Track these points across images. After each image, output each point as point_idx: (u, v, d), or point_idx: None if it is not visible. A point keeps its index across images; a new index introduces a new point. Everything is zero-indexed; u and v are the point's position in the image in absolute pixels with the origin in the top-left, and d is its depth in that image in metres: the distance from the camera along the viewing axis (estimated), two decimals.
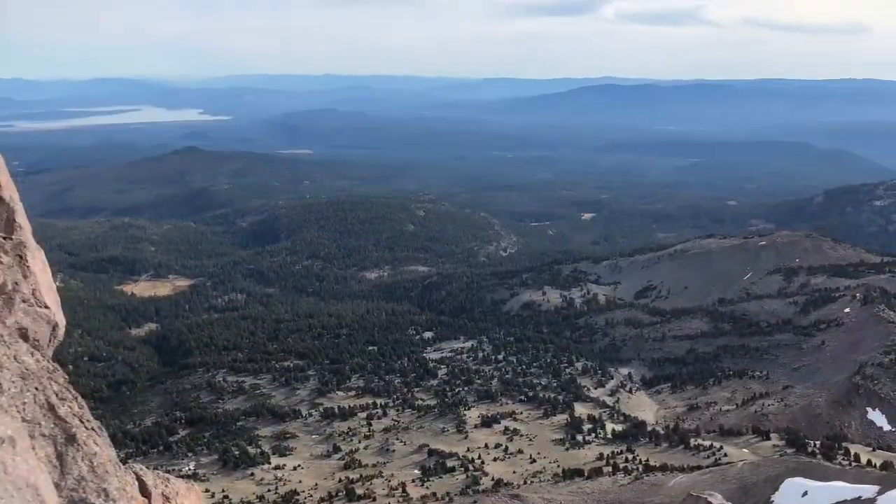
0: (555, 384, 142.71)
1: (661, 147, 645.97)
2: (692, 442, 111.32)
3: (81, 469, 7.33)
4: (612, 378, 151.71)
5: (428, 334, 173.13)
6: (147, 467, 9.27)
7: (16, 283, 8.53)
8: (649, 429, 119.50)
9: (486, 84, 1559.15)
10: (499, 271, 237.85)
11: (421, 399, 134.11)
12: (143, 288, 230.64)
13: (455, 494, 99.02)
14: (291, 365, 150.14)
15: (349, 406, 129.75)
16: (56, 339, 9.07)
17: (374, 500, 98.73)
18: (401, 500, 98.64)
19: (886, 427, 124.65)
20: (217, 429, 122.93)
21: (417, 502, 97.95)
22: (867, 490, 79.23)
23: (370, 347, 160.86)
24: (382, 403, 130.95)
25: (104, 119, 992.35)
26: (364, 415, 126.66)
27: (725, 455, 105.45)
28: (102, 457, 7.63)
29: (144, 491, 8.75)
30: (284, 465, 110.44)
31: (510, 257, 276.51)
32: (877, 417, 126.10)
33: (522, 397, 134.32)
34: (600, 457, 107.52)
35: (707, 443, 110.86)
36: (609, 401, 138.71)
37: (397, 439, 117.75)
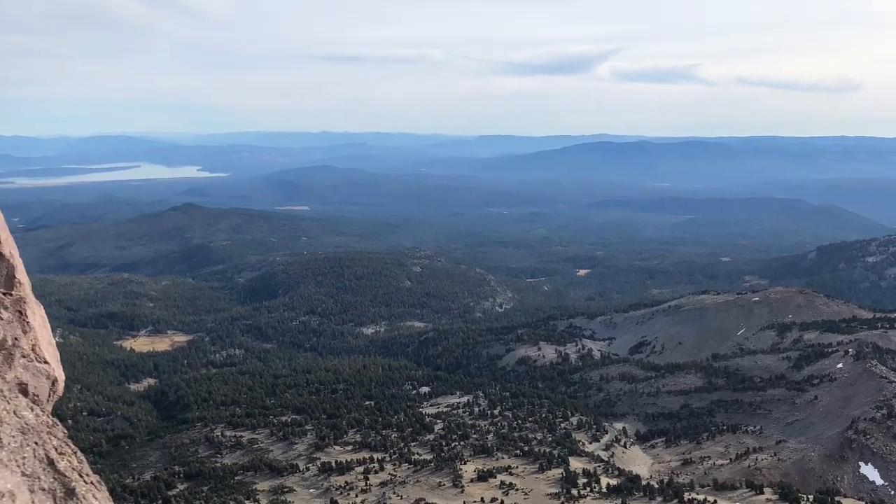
0: (550, 439, 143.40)
1: (656, 204, 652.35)
2: (686, 496, 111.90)
3: None
4: (607, 433, 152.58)
5: (424, 389, 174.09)
6: None
7: (16, 339, 8.78)
8: (644, 483, 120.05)
9: (481, 141, 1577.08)
10: (495, 327, 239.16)
11: (417, 453, 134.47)
12: (141, 343, 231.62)
13: None
14: (289, 419, 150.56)
15: (346, 460, 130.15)
16: (55, 393, 9.35)
17: None
18: None
19: (879, 482, 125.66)
20: (215, 483, 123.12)
21: None
22: None
23: (367, 402, 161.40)
24: (379, 458, 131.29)
25: (103, 176, 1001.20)
26: (361, 469, 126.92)
27: None
28: None
29: None
30: None
31: (506, 313, 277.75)
32: (869, 472, 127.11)
33: (518, 452, 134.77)
34: None
35: (701, 497, 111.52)
36: (604, 455, 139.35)
37: (394, 493, 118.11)
